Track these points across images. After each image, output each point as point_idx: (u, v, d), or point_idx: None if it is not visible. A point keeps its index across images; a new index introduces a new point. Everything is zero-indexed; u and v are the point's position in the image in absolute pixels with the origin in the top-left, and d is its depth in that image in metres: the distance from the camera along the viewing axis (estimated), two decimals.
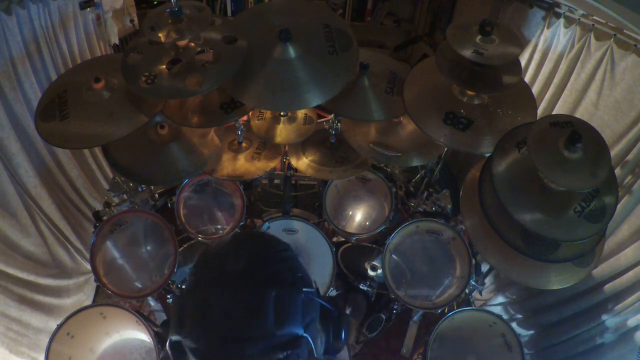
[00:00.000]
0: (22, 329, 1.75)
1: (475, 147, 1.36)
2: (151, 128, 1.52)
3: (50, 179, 1.90)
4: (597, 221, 1.14)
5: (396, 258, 1.73)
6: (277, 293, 0.57)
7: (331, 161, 1.74)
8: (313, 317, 0.63)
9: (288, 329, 0.57)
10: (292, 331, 0.57)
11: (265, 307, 0.56)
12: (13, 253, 1.69)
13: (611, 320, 1.53)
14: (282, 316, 0.57)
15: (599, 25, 1.56)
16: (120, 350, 1.67)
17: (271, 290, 0.57)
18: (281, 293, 0.58)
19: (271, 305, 0.56)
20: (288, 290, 0.59)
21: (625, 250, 1.48)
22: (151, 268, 1.75)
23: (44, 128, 1.27)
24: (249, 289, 0.58)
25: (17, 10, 1.52)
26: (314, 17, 1.37)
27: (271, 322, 0.56)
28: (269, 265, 0.61)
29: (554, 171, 1.07)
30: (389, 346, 2.14)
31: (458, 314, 1.51)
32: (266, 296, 0.57)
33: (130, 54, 1.29)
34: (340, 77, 1.29)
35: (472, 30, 1.30)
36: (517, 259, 1.31)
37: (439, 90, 1.45)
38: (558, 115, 1.51)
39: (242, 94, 1.27)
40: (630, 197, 1.47)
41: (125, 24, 2.44)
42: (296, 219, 1.72)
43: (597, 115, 1.60)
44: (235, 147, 1.75)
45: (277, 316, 0.56)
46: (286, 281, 0.60)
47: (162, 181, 1.63)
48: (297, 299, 0.60)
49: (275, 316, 0.56)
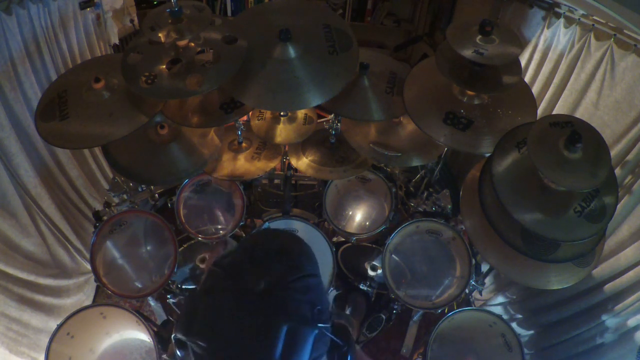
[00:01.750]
0: (22, 329, 1.75)
1: (475, 147, 1.36)
2: (151, 128, 1.52)
3: (50, 179, 1.90)
4: (597, 221, 1.14)
5: (396, 258, 1.73)
6: (290, 326, 0.56)
7: (331, 161, 1.74)
8: (321, 352, 0.61)
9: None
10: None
11: (276, 337, 0.55)
12: (13, 253, 1.69)
13: (611, 320, 1.53)
14: (290, 350, 0.55)
15: (599, 25, 1.56)
16: (120, 350, 1.67)
17: (286, 322, 0.55)
18: (295, 327, 0.56)
19: (282, 338, 0.55)
20: (303, 325, 0.57)
21: (625, 250, 1.48)
22: (151, 268, 1.75)
23: (44, 128, 1.27)
24: (265, 313, 0.56)
25: (17, 10, 1.52)
26: (314, 17, 1.37)
27: (278, 354, 0.54)
28: (289, 293, 0.58)
29: (554, 171, 1.07)
30: (389, 346, 2.14)
31: (458, 314, 1.51)
32: (279, 327, 0.55)
33: (130, 54, 1.29)
34: (340, 77, 1.29)
35: (472, 30, 1.30)
36: (517, 259, 1.31)
37: (439, 90, 1.45)
38: (558, 115, 1.51)
39: (242, 94, 1.27)
40: (630, 197, 1.47)
41: (125, 24, 2.44)
42: (296, 219, 1.72)
43: (597, 115, 1.60)
44: (235, 147, 1.75)
45: (285, 349, 0.55)
46: (303, 316, 0.58)
47: (162, 181, 1.63)
48: (310, 336, 0.58)
49: (284, 349, 0.55)
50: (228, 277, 0.60)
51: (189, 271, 1.93)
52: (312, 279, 0.63)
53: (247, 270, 0.59)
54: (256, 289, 0.57)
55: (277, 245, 0.65)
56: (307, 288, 0.61)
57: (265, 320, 0.55)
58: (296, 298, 0.59)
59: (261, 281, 0.57)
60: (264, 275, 0.58)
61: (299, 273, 0.61)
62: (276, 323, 0.55)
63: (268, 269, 0.60)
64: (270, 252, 0.63)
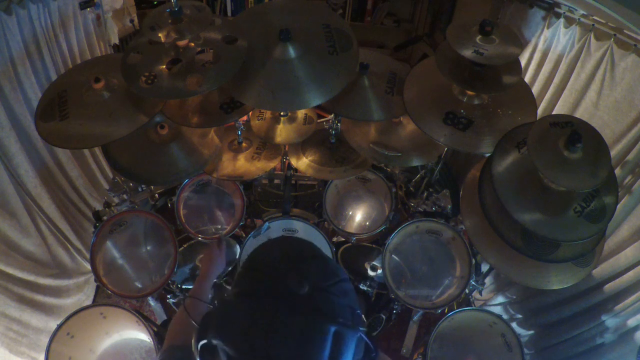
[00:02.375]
0: (22, 329, 1.75)
1: (475, 147, 1.36)
2: (151, 128, 1.52)
3: (50, 179, 1.90)
4: (597, 221, 1.14)
5: (396, 258, 1.73)
6: (337, 329, 0.56)
7: (331, 161, 1.74)
8: (359, 357, 0.62)
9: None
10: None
11: (325, 339, 0.55)
12: (13, 253, 1.69)
13: (611, 320, 1.53)
14: (337, 352, 0.55)
15: (599, 25, 1.56)
16: (120, 350, 1.67)
17: (333, 324, 0.56)
18: (340, 330, 0.56)
19: (330, 340, 0.55)
20: (348, 328, 0.57)
21: (625, 250, 1.48)
22: (151, 268, 1.75)
23: (44, 128, 1.27)
24: (312, 315, 0.56)
25: (17, 10, 1.52)
26: (314, 17, 1.37)
27: (326, 356, 0.54)
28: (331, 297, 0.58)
29: (554, 171, 1.07)
30: (389, 346, 2.14)
31: (458, 314, 1.51)
32: (328, 329, 0.55)
33: (130, 54, 1.29)
34: (340, 77, 1.29)
35: (472, 30, 1.30)
36: (517, 259, 1.31)
37: (439, 90, 1.45)
38: (558, 115, 1.51)
39: (242, 94, 1.27)
40: (630, 197, 1.47)
41: (125, 24, 2.45)
42: (296, 219, 1.72)
43: (597, 115, 1.60)
44: (235, 147, 1.75)
45: (333, 351, 0.55)
46: (346, 318, 0.58)
47: (162, 181, 1.62)
48: (353, 339, 0.58)
49: (331, 350, 0.55)
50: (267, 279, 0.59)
51: (189, 271, 1.93)
52: (347, 284, 0.63)
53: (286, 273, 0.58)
54: (300, 291, 0.56)
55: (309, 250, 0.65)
56: (345, 292, 0.61)
57: (313, 322, 0.55)
58: (338, 301, 0.59)
59: (304, 283, 0.56)
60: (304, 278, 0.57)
61: (336, 278, 0.61)
62: (324, 324, 0.55)
63: (307, 272, 0.59)
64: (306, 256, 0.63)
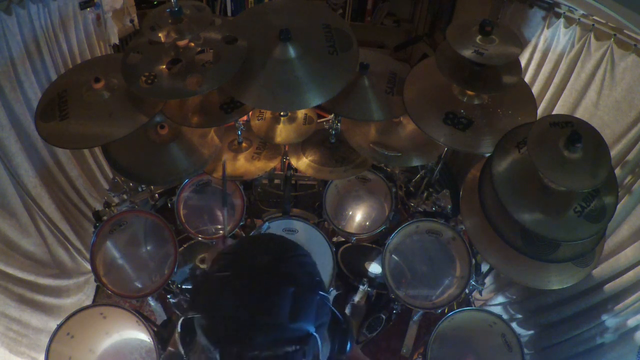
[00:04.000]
0: (22, 329, 1.75)
1: (475, 147, 1.36)
2: (151, 128, 1.52)
3: (50, 179, 1.90)
4: (597, 221, 1.14)
5: (396, 258, 1.73)
6: (295, 289, 0.60)
7: (331, 161, 1.74)
8: (324, 320, 0.65)
9: (300, 325, 0.59)
10: (303, 327, 0.59)
11: (283, 299, 0.59)
12: (13, 253, 1.69)
13: (611, 320, 1.53)
14: (296, 311, 0.59)
15: (599, 25, 1.56)
16: (120, 350, 1.67)
17: (290, 286, 0.60)
18: (299, 290, 0.61)
19: (289, 298, 0.59)
20: (305, 289, 0.62)
21: (625, 250, 1.48)
22: (151, 268, 1.75)
23: (44, 128, 1.27)
24: (271, 280, 0.61)
25: (17, 10, 1.52)
26: (314, 17, 1.37)
27: (286, 314, 0.58)
28: (290, 265, 0.65)
29: (554, 171, 1.07)
30: (389, 346, 2.14)
31: (458, 314, 1.51)
32: (285, 289, 0.60)
33: (130, 54, 1.29)
34: (340, 77, 1.29)
35: (472, 30, 1.30)
36: (517, 259, 1.31)
37: (439, 90, 1.45)
38: (558, 115, 1.51)
39: (242, 94, 1.27)
40: (630, 197, 1.47)
41: (125, 24, 2.44)
42: (296, 219, 1.72)
43: (597, 115, 1.60)
44: (235, 147, 1.75)
45: (292, 310, 0.58)
46: (304, 281, 0.64)
47: (162, 181, 1.63)
48: (313, 299, 0.62)
49: (291, 309, 0.58)
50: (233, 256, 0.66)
51: (189, 271, 1.94)
52: (308, 258, 0.69)
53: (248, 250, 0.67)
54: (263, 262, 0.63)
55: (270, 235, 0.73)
56: (304, 263, 0.67)
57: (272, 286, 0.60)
58: (295, 269, 0.65)
59: (264, 256, 0.63)
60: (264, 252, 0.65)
61: (294, 251, 0.68)
62: (282, 286, 0.60)
63: (267, 247, 0.67)
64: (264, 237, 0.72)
